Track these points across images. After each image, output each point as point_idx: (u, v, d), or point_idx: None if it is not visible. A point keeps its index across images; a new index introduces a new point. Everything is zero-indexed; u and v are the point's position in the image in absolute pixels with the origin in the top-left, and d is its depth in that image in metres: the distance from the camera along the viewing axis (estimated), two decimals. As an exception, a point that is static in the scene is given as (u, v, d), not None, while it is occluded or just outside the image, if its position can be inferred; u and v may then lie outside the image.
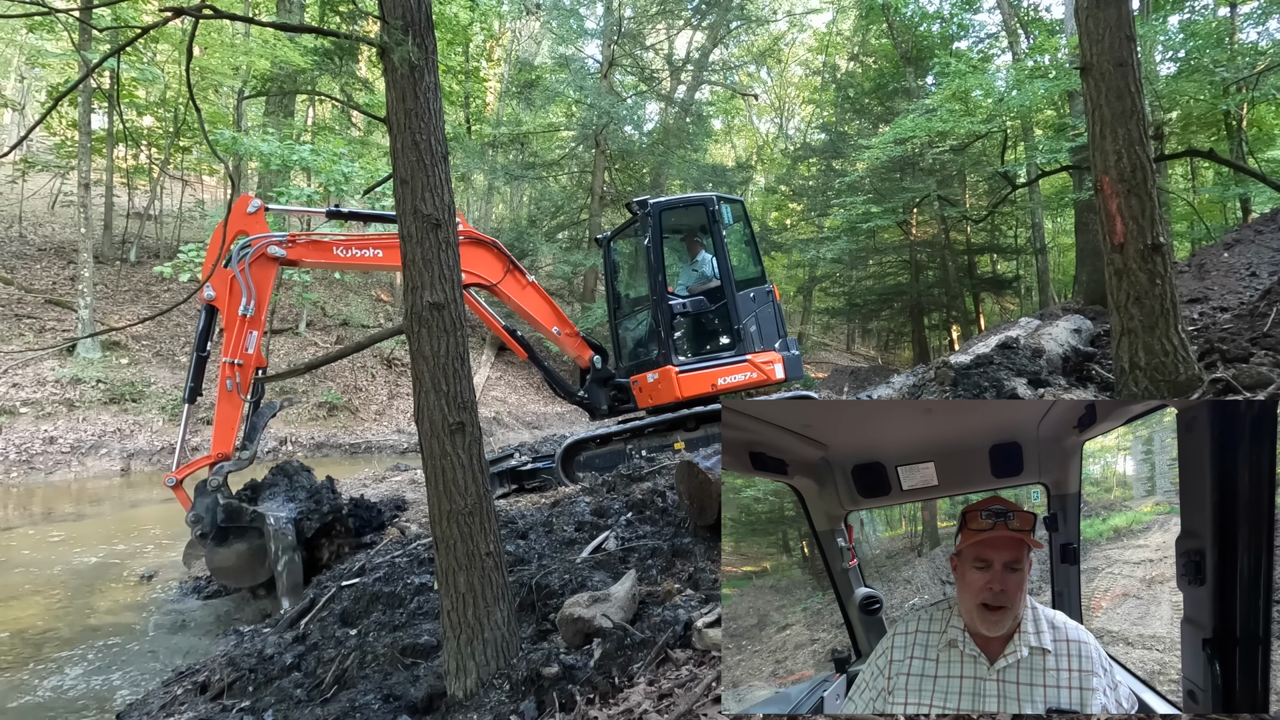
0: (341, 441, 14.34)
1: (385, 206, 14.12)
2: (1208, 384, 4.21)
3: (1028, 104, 12.82)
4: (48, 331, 13.53)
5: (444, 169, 2.58)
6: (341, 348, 14.92)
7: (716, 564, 3.04)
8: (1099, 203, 4.49)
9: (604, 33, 20.69)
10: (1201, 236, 17.06)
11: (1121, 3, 4.41)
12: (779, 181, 30.60)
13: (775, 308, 6.89)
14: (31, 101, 23.09)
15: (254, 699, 3.04)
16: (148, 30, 2.50)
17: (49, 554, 6.42)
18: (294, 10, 17.68)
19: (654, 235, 6.66)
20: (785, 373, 6.70)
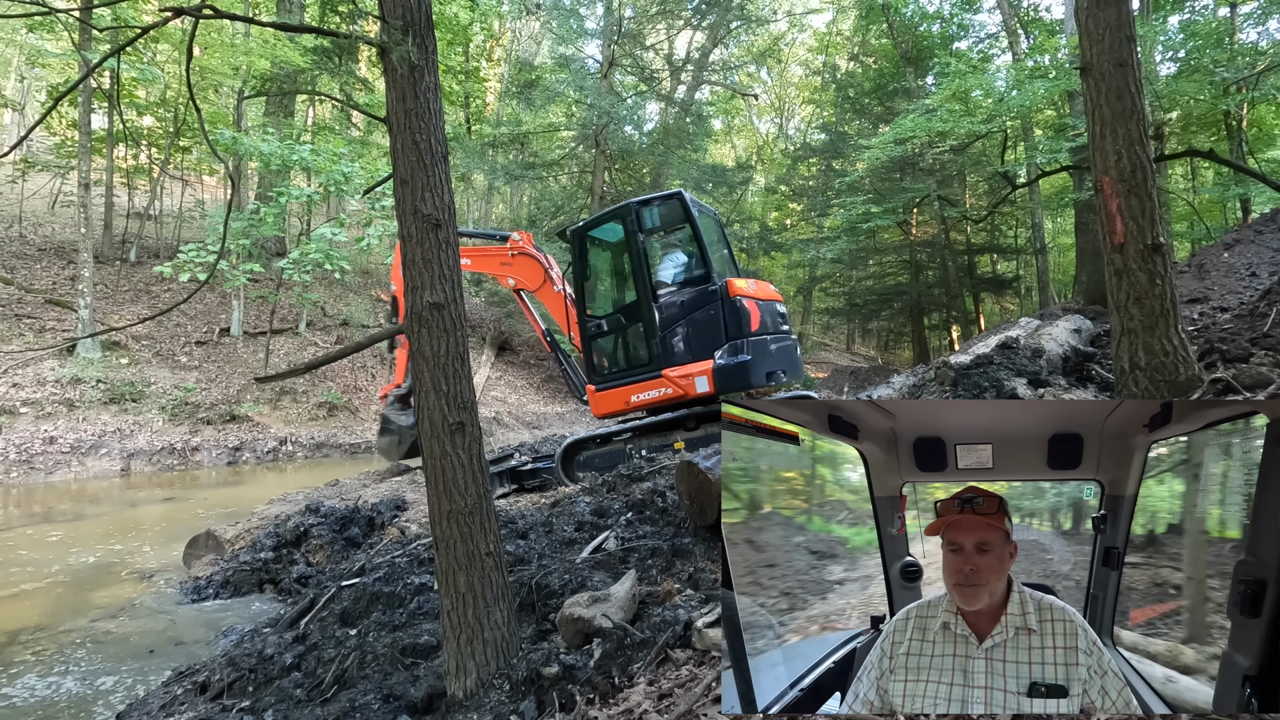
0: (341, 441, 14.33)
1: (385, 207, 14.16)
2: (1208, 384, 4.21)
3: (1028, 104, 12.82)
4: (48, 331, 13.53)
5: (444, 169, 2.58)
6: (341, 348, 14.89)
7: (716, 564, 3.04)
8: (1099, 203, 4.49)
9: (604, 33, 20.69)
10: (1201, 236, 17.05)
11: (1121, 3, 4.41)
12: (779, 181, 30.60)
13: (724, 308, 6.21)
14: (31, 101, 23.09)
15: (254, 699, 3.04)
16: (148, 30, 2.50)
17: (47, 554, 6.42)
18: (294, 10, 17.69)
19: (575, 259, 6.92)
20: (718, 384, 6.14)
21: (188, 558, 5.79)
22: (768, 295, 6.85)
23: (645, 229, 6.65)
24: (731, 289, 6.27)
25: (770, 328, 6.61)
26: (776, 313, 6.87)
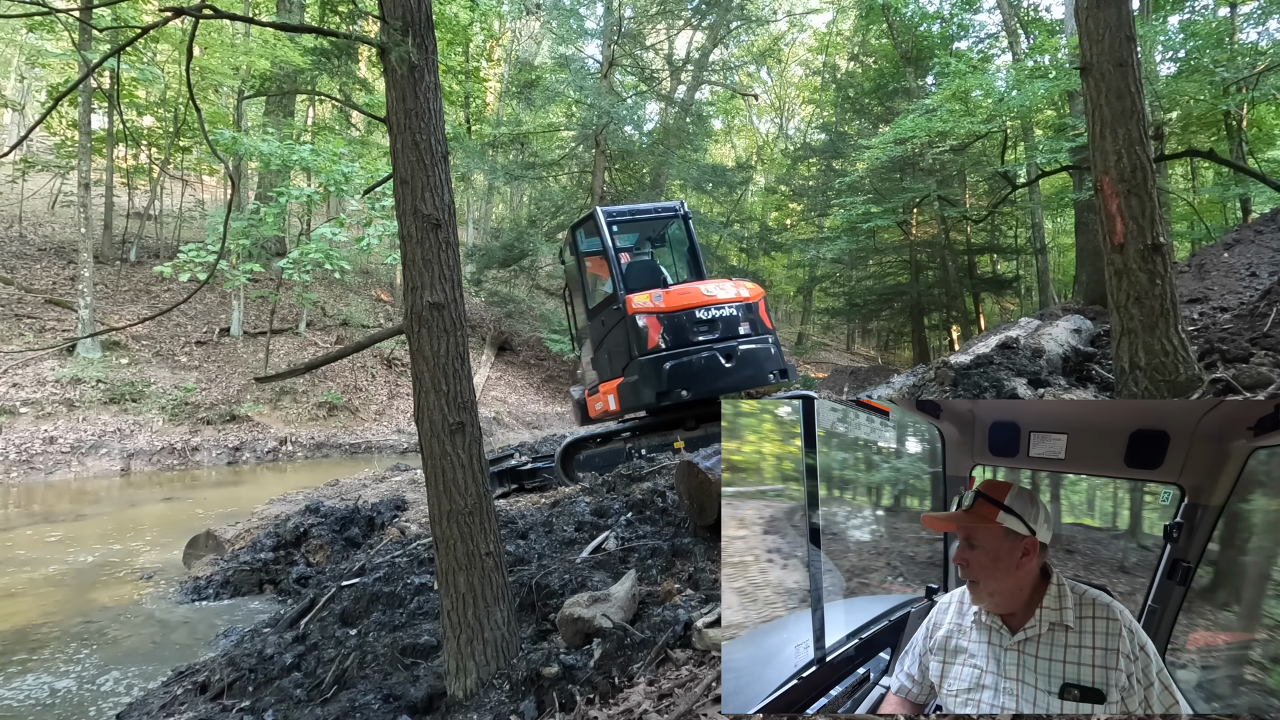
0: (341, 441, 14.33)
1: (385, 207, 14.16)
2: (1208, 384, 4.21)
3: (1028, 104, 12.82)
4: (48, 331, 13.53)
5: (444, 169, 2.58)
6: (341, 348, 14.91)
7: (716, 564, 3.04)
8: (1099, 203, 4.49)
9: (604, 33, 20.68)
10: (1201, 236, 17.05)
11: (1121, 3, 4.41)
12: (779, 181, 30.60)
13: (627, 328, 6.16)
14: (31, 101, 23.09)
15: (254, 699, 3.04)
16: (148, 30, 2.50)
17: (47, 554, 6.42)
18: (294, 10, 17.69)
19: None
20: (620, 403, 6.24)
21: (188, 558, 5.79)
22: (688, 303, 6.31)
23: (578, 250, 6.87)
24: (629, 306, 6.15)
25: (682, 340, 6.22)
26: (701, 320, 6.31)
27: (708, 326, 6.29)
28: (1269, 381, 4.11)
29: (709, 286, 6.51)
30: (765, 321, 6.63)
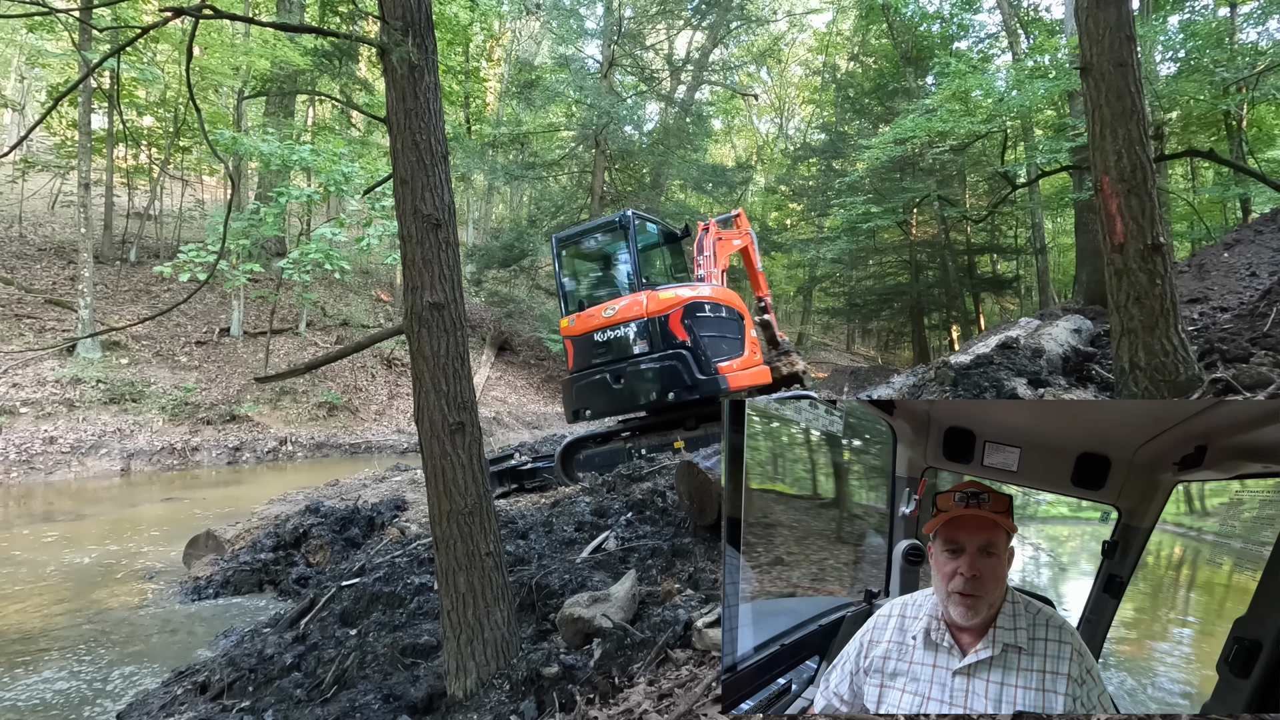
0: (341, 441, 14.34)
1: (385, 207, 14.17)
2: (1208, 384, 4.21)
3: (1028, 104, 12.82)
4: (48, 331, 13.53)
5: (444, 169, 2.58)
6: (341, 348, 14.96)
7: (716, 564, 3.04)
8: (1099, 203, 4.49)
9: (604, 33, 20.69)
10: (1201, 236, 17.06)
11: (1121, 3, 4.41)
12: (779, 181, 30.63)
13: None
14: (31, 101, 23.10)
15: (254, 699, 3.04)
16: (148, 30, 2.50)
17: (46, 554, 6.42)
18: (294, 10, 17.69)
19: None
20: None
21: (188, 558, 5.79)
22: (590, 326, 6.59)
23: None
24: (561, 329, 6.92)
25: (586, 362, 6.58)
26: (598, 342, 6.56)
27: (603, 348, 6.53)
28: (1269, 381, 4.11)
29: (613, 306, 6.57)
30: (677, 334, 6.23)
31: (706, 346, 6.30)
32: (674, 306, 6.30)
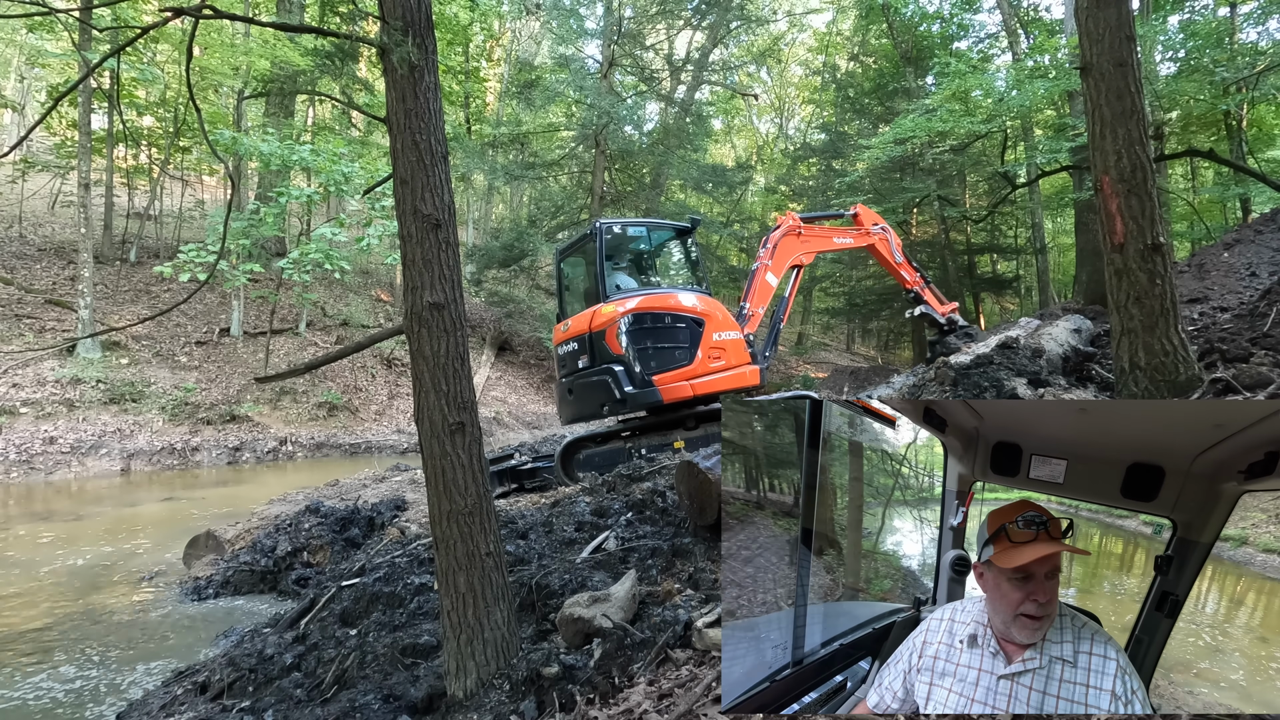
0: (341, 441, 14.34)
1: (385, 207, 14.17)
2: (1208, 384, 4.21)
3: (1028, 104, 12.82)
4: (48, 331, 13.53)
5: (444, 169, 2.58)
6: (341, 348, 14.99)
7: (716, 564, 3.04)
8: (1099, 203, 4.49)
9: (604, 33, 20.68)
10: (1201, 236, 17.05)
11: (1121, 3, 4.41)
12: (779, 181, 30.60)
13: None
14: (31, 101, 23.09)
15: (254, 699, 3.04)
16: (148, 30, 2.50)
17: (46, 554, 6.42)
18: (294, 10, 17.69)
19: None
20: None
21: (188, 558, 5.79)
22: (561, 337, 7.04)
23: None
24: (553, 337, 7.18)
25: (561, 370, 7.04)
26: (562, 354, 6.98)
27: (564, 360, 7.02)
28: (1269, 381, 4.11)
29: (571, 321, 6.98)
30: (612, 348, 6.29)
31: (641, 358, 6.28)
32: (611, 322, 6.37)
